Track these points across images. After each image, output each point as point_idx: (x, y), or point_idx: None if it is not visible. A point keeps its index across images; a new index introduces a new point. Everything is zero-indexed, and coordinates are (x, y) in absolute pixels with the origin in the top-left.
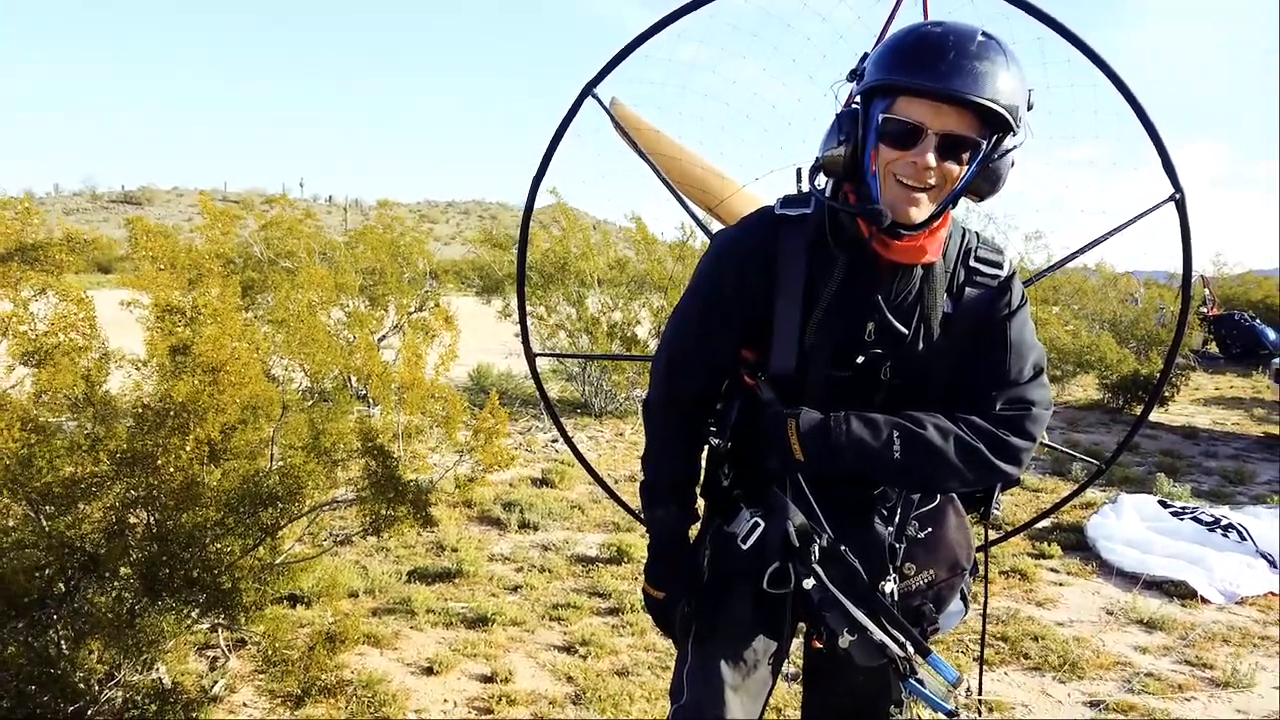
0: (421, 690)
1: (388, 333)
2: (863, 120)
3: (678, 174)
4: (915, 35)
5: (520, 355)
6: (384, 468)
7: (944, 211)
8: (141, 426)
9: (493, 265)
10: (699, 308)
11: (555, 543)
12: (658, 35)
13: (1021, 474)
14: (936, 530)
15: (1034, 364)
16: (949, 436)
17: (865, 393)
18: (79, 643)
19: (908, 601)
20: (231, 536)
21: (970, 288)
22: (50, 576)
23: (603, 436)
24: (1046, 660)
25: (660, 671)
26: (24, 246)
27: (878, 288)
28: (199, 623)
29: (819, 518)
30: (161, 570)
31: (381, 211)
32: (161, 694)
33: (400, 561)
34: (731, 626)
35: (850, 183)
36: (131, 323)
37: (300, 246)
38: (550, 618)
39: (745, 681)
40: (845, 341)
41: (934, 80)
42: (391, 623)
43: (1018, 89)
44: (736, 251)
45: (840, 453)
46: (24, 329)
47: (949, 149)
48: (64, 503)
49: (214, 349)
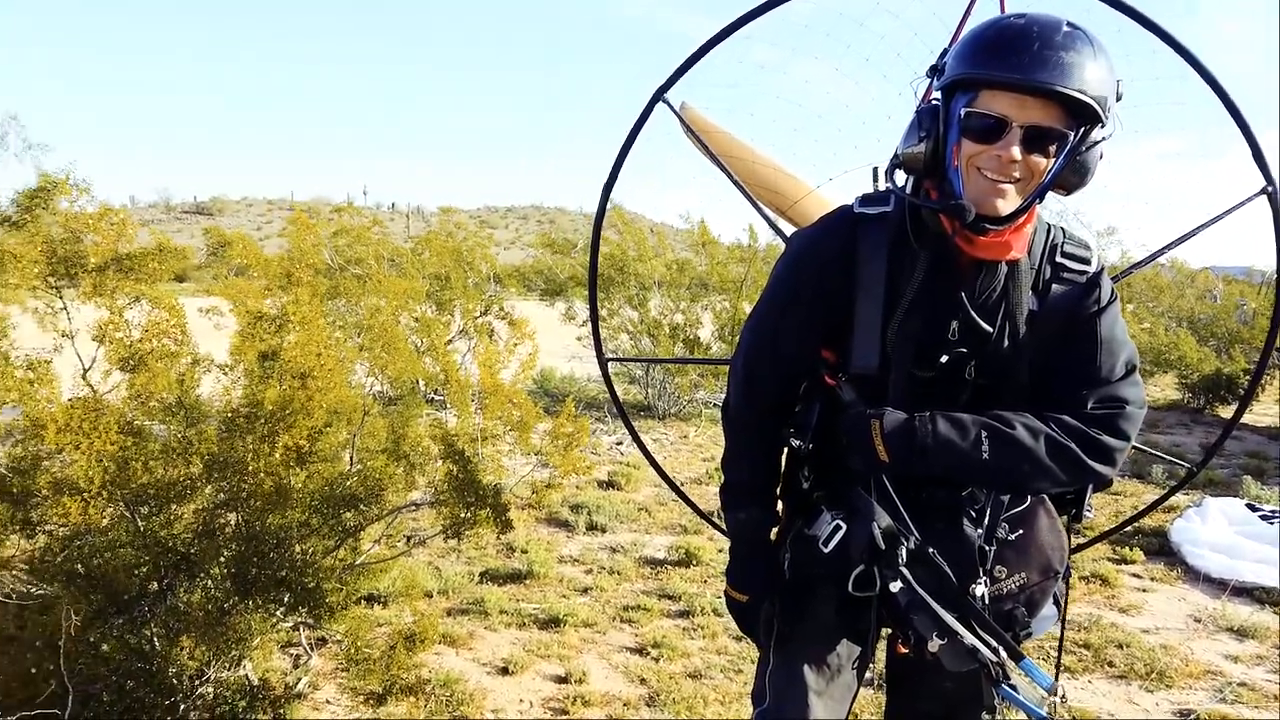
0: (498, 690)
1: (454, 337)
2: (944, 115)
3: (749, 177)
4: (998, 27)
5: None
6: (464, 471)
7: (1031, 205)
8: (232, 431)
9: (554, 269)
10: (777, 312)
11: (623, 545)
12: (727, 39)
13: (1115, 474)
14: (1028, 532)
15: (1126, 361)
16: (1039, 436)
17: (950, 392)
18: (172, 639)
19: (999, 605)
20: (315, 537)
21: (1057, 284)
22: (145, 575)
23: (667, 439)
24: (1132, 668)
25: (733, 675)
26: (119, 256)
27: (961, 285)
28: (284, 621)
29: (905, 519)
30: (250, 569)
31: (444, 217)
32: (249, 690)
33: (472, 563)
34: (815, 630)
35: (931, 179)
36: (210, 330)
37: (369, 253)
38: (621, 619)
39: (829, 686)
40: (928, 340)
41: (1018, 72)
42: (466, 623)
43: (1106, 79)
44: (815, 253)
45: (926, 453)
46: (120, 336)
47: (1034, 142)
48: (158, 504)
49: (302, 355)
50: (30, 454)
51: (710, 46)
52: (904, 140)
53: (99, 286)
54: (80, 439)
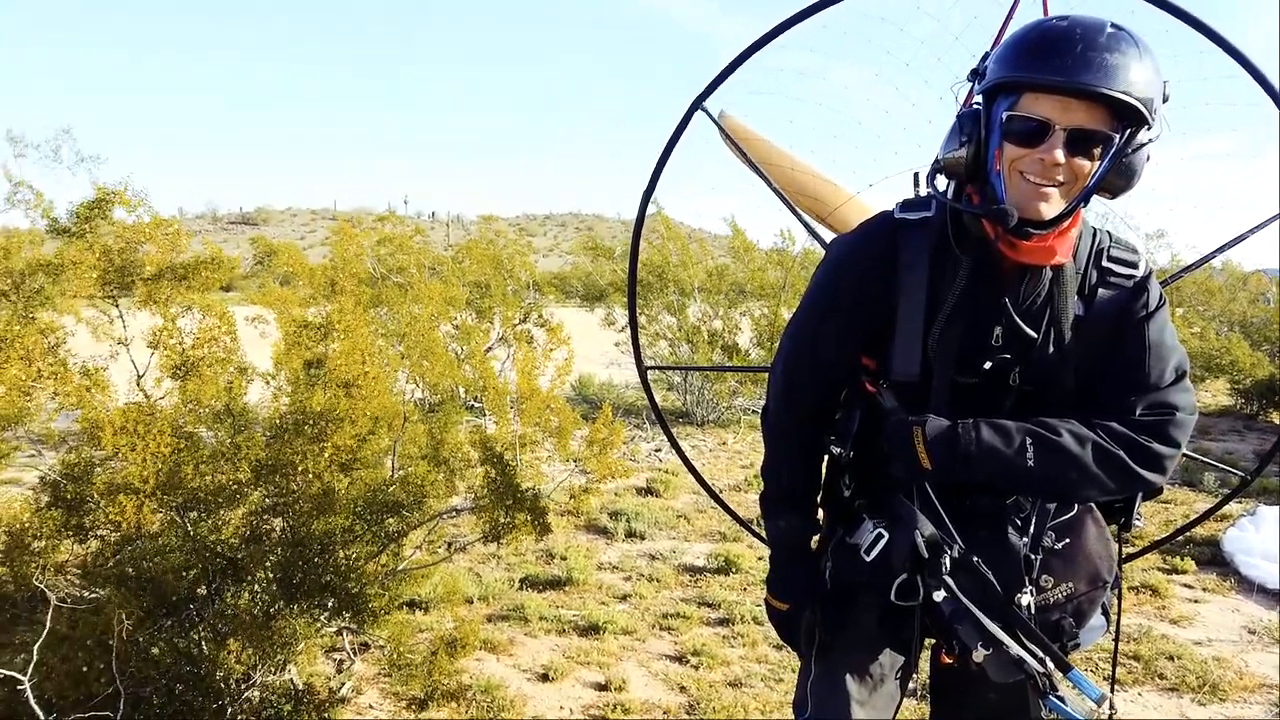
0: (538, 696)
1: (493, 344)
2: (986, 120)
3: (789, 184)
4: (1040, 29)
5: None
6: (503, 476)
7: (1075, 209)
8: (279, 435)
9: (595, 274)
10: (816, 318)
11: (662, 552)
12: (766, 46)
13: (1165, 482)
14: (1075, 541)
15: (1175, 367)
16: (1086, 443)
17: (993, 399)
18: (220, 643)
19: (1045, 615)
20: (359, 543)
21: (1103, 289)
22: (194, 579)
23: (705, 445)
24: (1184, 681)
25: (774, 684)
26: (174, 266)
27: (1005, 291)
28: (328, 626)
29: (949, 528)
30: (295, 574)
31: (484, 225)
32: (294, 695)
33: (512, 569)
34: (857, 639)
35: (973, 184)
36: (255, 338)
37: (411, 262)
38: (660, 627)
39: (871, 696)
40: (971, 347)
41: (1061, 74)
42: (506, 629)
43: (1152, 81)
44: (855, 259)
45: (970, 461)
46: (173, 343)
47: (1078, 144)
48: (207, 508)
49: (347, 363)
50: (84, 460)
51: (749, 55)
52: (945, 145)
53: (153, 295)
54: (135, 440)
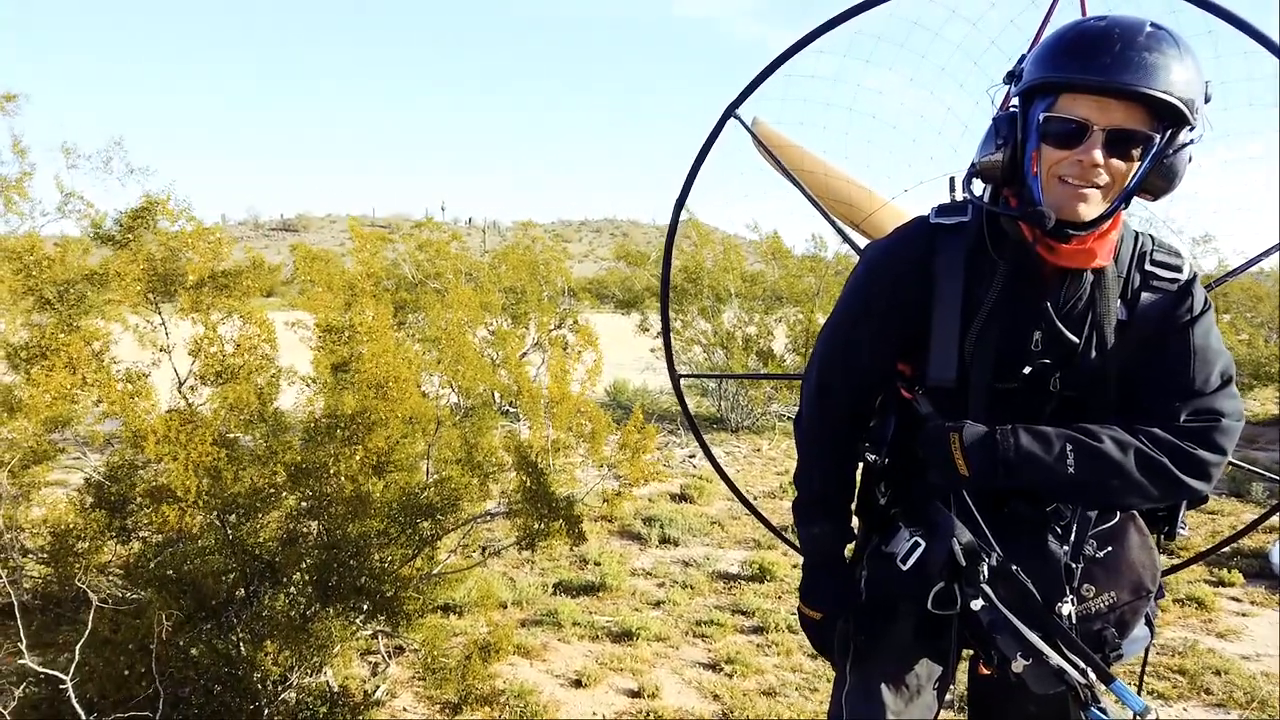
0: (571, 702)
1: (529, 350)
2: (1022, 122)
3: (823, 191)
4: (1077, 30)
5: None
6: (536, 482)
7: (1116, 211)
8: (314, 439)
9: (631, 279)
10: (850, 323)
11: (696, 559)
12: (799, 53)
13: (1210, 490)
14: (1117, 549)
15: (1221, 372)
16: (1129, 450)
17: (1033, 404)
18: (257, 645)
19: (1087, 625)
20: (394, 546)
21: (1147, 293)
22: (233, 581)
23: (739, 451)
24: (1231, 697)
25: (808, 693)
26: (215, 273)
27: (1044, 295)
28: (363, 629)
29: (986, 535)
30: (331, 577)
31: (521, 231)
32: (330, 697)
33: (546, 574)
34: (893, 649)
35: (1010, 187)
36: (295, 343)
37: (448, 268)
38: (694, 634)
39: (908, 707)
40: (1009, 351)
41: (1099, 74)
42: (539, 634)
43: (1193, 80)
44: (890, 264)
45: (1009, 467)
46: (214, 350)
47: (1117, 145)
48: (246, 512)
49: (376, 365)
50: (126, 462)
51: (781, 61)
52: (981, 149)
53: (196, 302)
54: (177, 449)
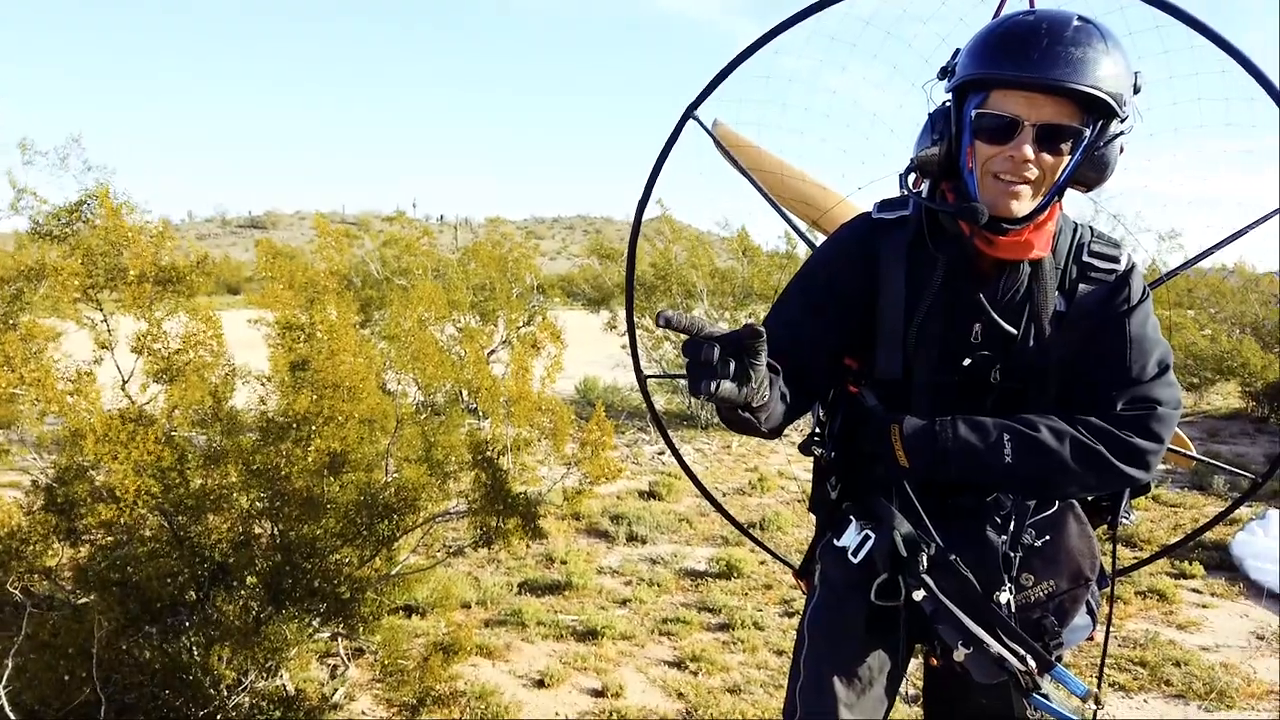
0: (533, 702)
1: (497, 347)
2: (956, 117)
3: (780, 189)
4: (1006, 25)
5: (626, 367)
6: (494, 480)
7: (1050, 204)
8: (266, 438)
9: (602, 276)
10: (789, 288)
11: (663, 556)
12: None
13: (1149, 478)
14: (1055, 538)
15: (1158, 361)
16: (1065, 439)
17: (975, 396)
18: (209, 649)
19: (1027, 614)
20: (350, 547)
21: (1084, 284)
22: (182, 584)
23: (709, 448)
24: (1191, 688)
25: (773, 690)
26: (159, 269)
27: (982, 288)
28: (320, 631)
29: (927, 526)
30: (285, 579)
31: (491, 228)
32: (286, 700)
33: (511, 573)
34: (845, 643)
35: (948, 181)
36: (258, 341)
37: (416, 264)
38: (660, 632)
39: (860, 700)
40: (950, 344)
41: (1028, 70)
42: (503, 634)
43: (1121, 73)
44: (832, 249)
45: (947, 458)
46: (158, 347)
47: (1048, 140)
48: (196, 513)
49: (334, 364)
50: (75, 464)
51: (739, 62)
52: (918, 143)
53: (138, 298)
54: (118, 449)
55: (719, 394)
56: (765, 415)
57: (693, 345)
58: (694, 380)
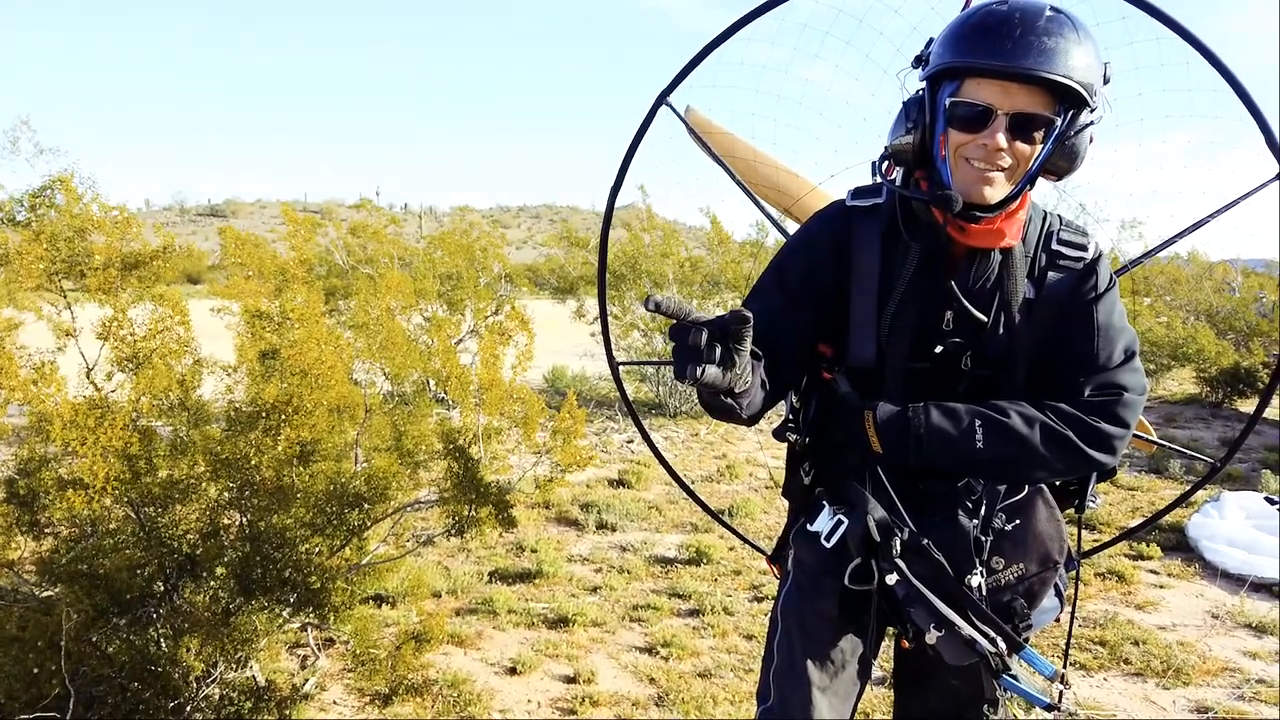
0: (505, 690)
1: (465, 336)
2: (930, 106)
3: (753, 176)
4: (979, 14)
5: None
6: (465, 469)
7: (1022, 192)
8: (234, 428)
9: (567, 266)
10: (763, 280)
11: (634, 543)
12: (728, 40)
13: (1115, 463)
14: (1025, 522)
15: (1125, 348)
16: (1034, 424)
17: (947, 383)
18: (178, 640)
19: (997, 597)
20: (320, 537)
21: (1053, 271)
22: (150, 575)
23: (678, 436)
24: (1149, 666)
25: (743, 674)
26: (124, 255)
27: (953, 275)
28: (290, 622)
29: (900, 511)
30: (255, 570)
31: (458, 216)
32: (256, 691)
33: (481, 562)
34: (818, 626)
35: (921, 169)
36: (221, 331)
37: (382, 253)
38: (630, 619)
39: (833, 682)
40: (923, 331)
41: (1001, 59)
42: (474, 623)
43: (1092, 63)
44: (807, 240)
45: (920, 444)
46: (124, 334)
47: (1020, 128)
48: (163, 504)
49: (301, 352)
50: (37, 455)
51: (711, 49)
52: (892, 132)
53: (104, 285)
54: (86, 434)
55: (704, 379)
56: (747, 401)
57: (680, 330)
58: (680, 364)
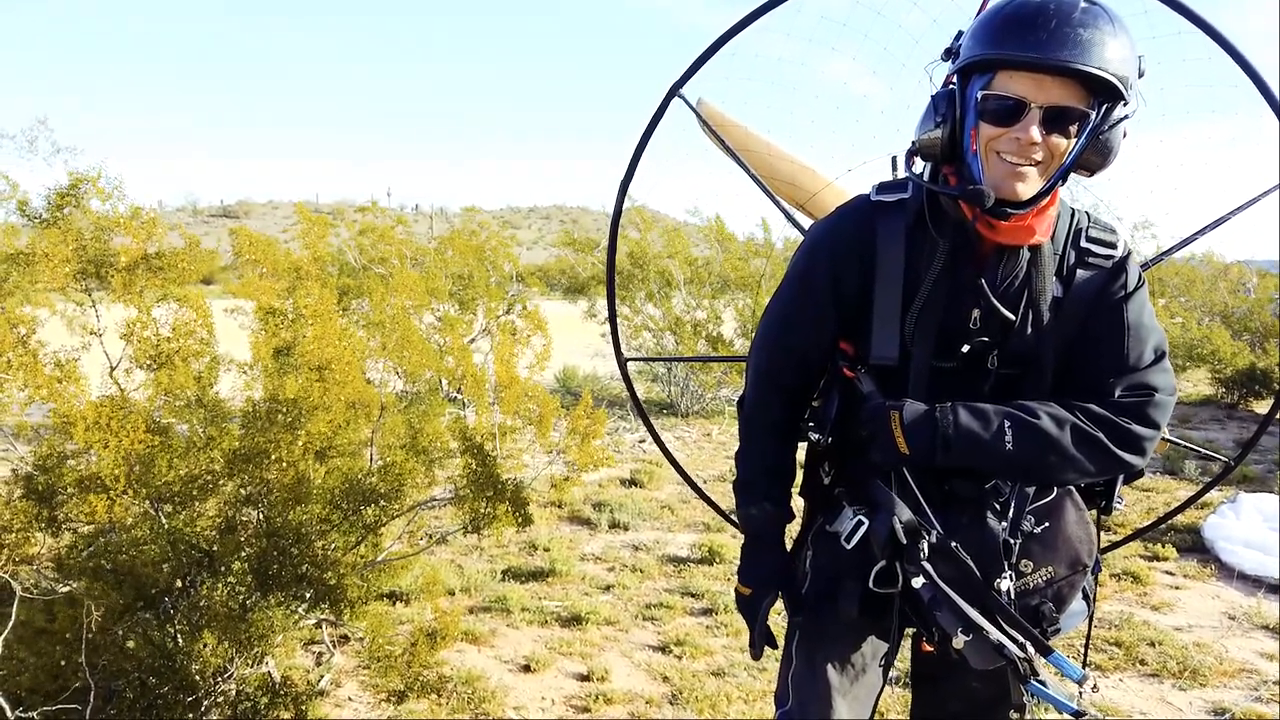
0: (520, 688)
1: (476, 336)
2: (960, 99)
3: (767, 171)
4: (1014, 6)
5: (605, 356)
6: (483, 466)
7: (1054, 188)
8: (253, 424)
9: (576, 267)
10: (791, 303)
11: (646, 543)
12: (742, 32)
13: (1145, 464)
14: (1054, 525)
15: (1155, 348)
16: (1065, 425)
17: (972, 382)
18: (195, 636)
19: (1025, 600)
20: (336, 533)
21: (1082, 269)
22: (169, 571)
23: (689, 436)
24: (1165, 667)
25: (757, 673)
26: (149, 256)
27: (982, 272)
28: (305, 618)
29: (926, 513)
30: (271, 566)
31: (467, 217)
32: (272, 687)
33: (494, 560)
34: (838, 629)
35: (950, 165)
36: (234, 330)
37: (393, 253)
38: (643, 617)
39: (853, 686)
40: (949, 329)
41: (1036, 51)
42: (488, 621)
43: (1127, 56)
44: (830, 242)
45: (948, 445)
46: (147, 334)
47: (1054, 122)
48: (181, 501)
49: (318, 348)
50: (56, 452)
51: (725, 40)
52: (920, 126)
53: (128, 286)
54: (108, 436)
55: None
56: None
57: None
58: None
